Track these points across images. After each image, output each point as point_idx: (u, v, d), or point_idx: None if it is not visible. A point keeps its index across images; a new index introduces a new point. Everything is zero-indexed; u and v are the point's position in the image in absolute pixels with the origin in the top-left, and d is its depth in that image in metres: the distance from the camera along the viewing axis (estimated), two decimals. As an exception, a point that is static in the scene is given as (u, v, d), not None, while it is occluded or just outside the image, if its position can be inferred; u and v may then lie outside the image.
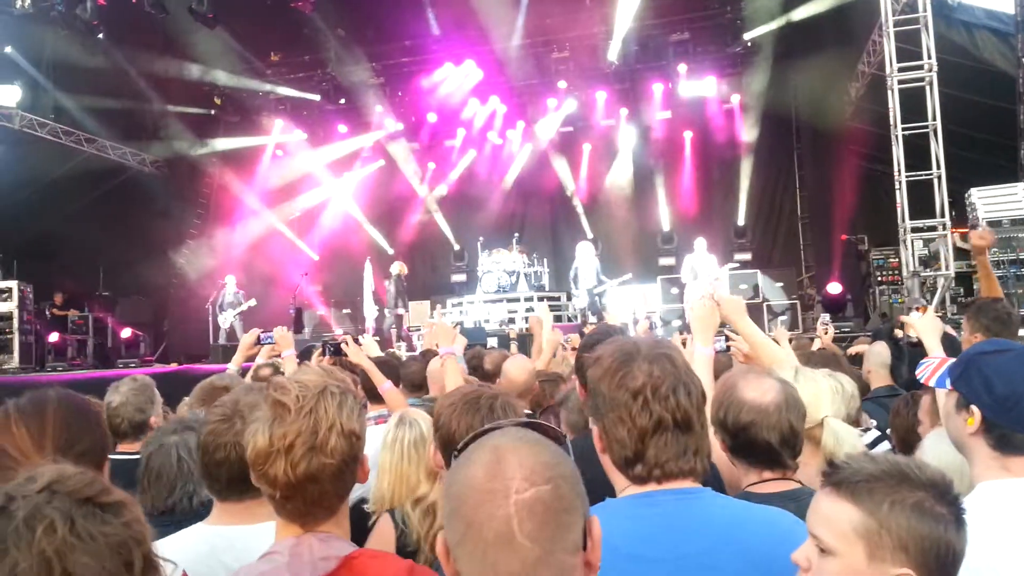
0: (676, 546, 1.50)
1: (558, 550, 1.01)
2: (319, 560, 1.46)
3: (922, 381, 1.99)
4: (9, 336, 13.29)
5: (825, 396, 2.24)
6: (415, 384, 4.36)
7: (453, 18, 14.13)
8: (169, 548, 1.41)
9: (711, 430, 2.03)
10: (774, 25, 14.42)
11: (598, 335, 2.73)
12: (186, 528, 1.96)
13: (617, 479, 1.64)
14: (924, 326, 2.96)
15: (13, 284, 13.35)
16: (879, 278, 12.35)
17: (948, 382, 1.84)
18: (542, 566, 1.00)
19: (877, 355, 4.48)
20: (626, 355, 1.63)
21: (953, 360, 1.91)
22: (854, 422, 3.22)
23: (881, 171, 12.07)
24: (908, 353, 4.30)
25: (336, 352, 4.72)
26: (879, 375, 4.38)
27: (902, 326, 4.32)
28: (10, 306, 13.28)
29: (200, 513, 2.08)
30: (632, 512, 1.55)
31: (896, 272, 11.76)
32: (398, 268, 14.26)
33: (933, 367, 1.97)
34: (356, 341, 4.84)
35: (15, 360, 13.04)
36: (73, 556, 1.01)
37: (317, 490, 1.49)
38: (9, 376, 11.93)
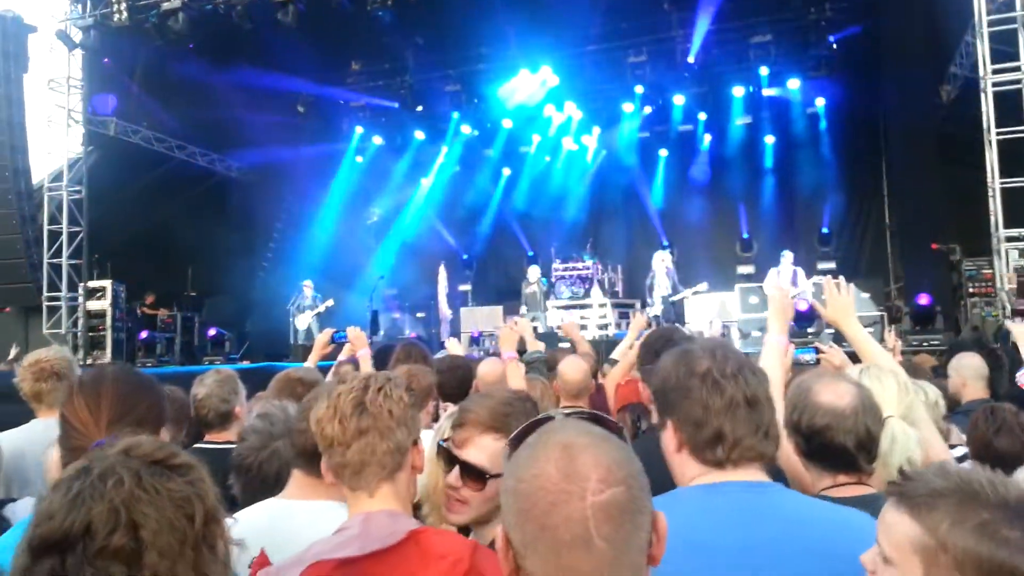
0: (743, 536, 1.50)
1: (631, 549, 1.03)
2: (387, 534, 1.60)
3: (1019, 383, 1.91)
4: (102, 333, 13.94)
5: (890, 395, 2.11)
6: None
7: (530, 24, 14.15)
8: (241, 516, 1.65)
9: (783, 433, 1.98)
10: (860, 26, 13.97)
11: (658, 336, 2.69)
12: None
13: (687, 469, 1.65)
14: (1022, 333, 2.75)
15: (107, 284, 14.00)
16: (971, 289, 11.77)
17: None
18: (617, 566, 1.01)
19: (973, 368, 4.26)
20: (683, 350, 1.70)
21: None
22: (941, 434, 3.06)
23: (974, 177, 11.54)
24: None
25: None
26: (975, 387, 4.16)
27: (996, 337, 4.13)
28: (104, 304, 13.94)
29: None
30: (701, 502, 1.57)
31: (989, 283, 11.19)
32: (537, 273, 14.39)
33: None
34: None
35: (107, 356, 13.67)
36: (138, 507, 1.14)
37: (368, 444, 1.69)
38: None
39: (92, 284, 13.96)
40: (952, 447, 2.96)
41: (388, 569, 1.58)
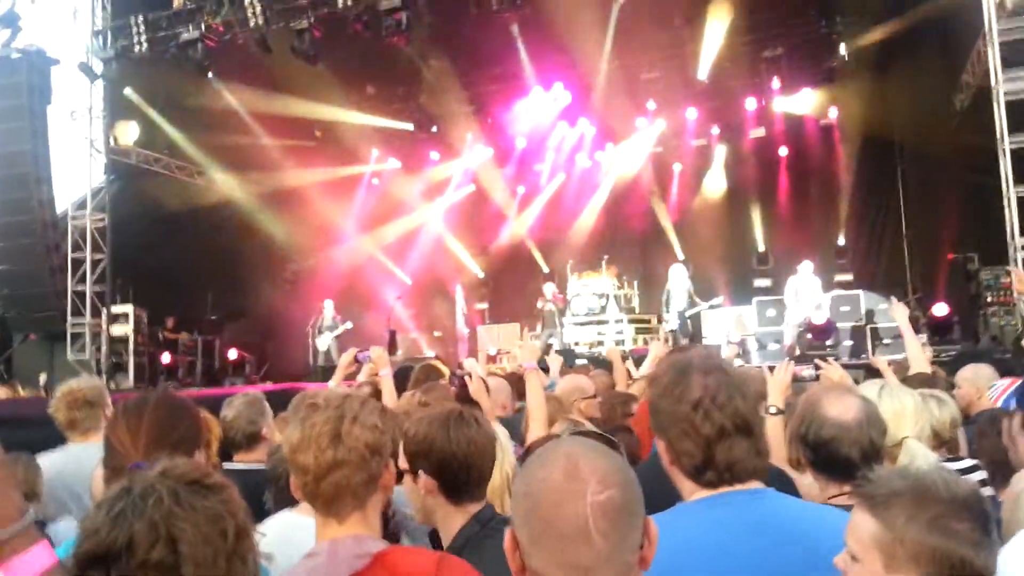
0: (747, 541, 1.58)
1: (625, 547, 1.14)
2: (354, 558, 1.62)
3: (991, 401, 1.96)
4: (125, 358, 14.12)
5: (908, 415, 2.20)
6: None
7: (543, 43, 14.30)
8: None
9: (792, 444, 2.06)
10: (872, 37, 14.00)
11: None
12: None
13: (686, 486, 1.71)
14: None
15: (130, 309, 14.19)
16: (989, 299, 11.70)
17: (1014, 402, 1.81)
18: (610, 562, 1.12)
19: (984, 378, 4.27)
20: (681, 370, 1.73)
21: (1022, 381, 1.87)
22: (952, 445, 3.09)
23: (990, 186, 11.53)
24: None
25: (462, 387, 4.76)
26: (985, 399, 4.18)
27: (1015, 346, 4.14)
28: (127, 329, 14.12)
29: None
30: (706, 513, 1.65)
31: (1008, 292, 11.13)
32: (552, 290, 14.43)
33: (1003, 387, 1.95)
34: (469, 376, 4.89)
35: (130, 380, 13.85)
36: (176, 523, 1.22)
37: (343, 476, 1.68)
38: (127, 392, 12.65)
39: (115, 309, 14.15)
40: (959, 459, 2.97)
41: None
